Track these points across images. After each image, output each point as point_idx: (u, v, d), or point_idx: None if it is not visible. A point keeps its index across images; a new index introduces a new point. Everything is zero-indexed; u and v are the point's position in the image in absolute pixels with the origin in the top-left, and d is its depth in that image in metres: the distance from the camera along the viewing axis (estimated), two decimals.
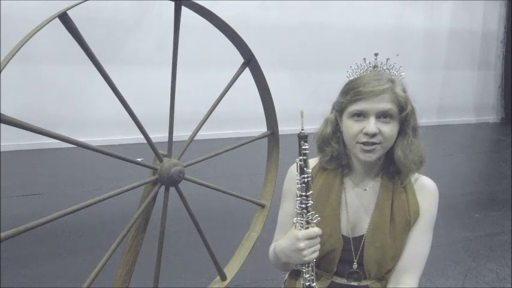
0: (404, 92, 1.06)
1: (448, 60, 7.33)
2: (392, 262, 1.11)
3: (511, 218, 3.21)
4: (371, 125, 1.01)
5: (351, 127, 1.05)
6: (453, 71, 7.39)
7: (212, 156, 1.34)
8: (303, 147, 1.00)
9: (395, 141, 1.08)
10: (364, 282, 1.14)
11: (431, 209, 1.13)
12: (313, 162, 1.22)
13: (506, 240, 2.87)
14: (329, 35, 6.16)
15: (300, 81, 6.09)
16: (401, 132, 1.08)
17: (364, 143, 1.03)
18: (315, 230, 1.00)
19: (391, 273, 1.13)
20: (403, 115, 1.04)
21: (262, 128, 1.49)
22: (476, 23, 7.45)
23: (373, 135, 1.02)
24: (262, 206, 1.52)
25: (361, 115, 1.04)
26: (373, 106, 1.02)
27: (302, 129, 1.00)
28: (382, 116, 1.02)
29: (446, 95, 7.38)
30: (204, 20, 1.21)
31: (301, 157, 1.00)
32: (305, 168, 1.00)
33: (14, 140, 4.74)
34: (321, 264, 1.16)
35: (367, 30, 6.23)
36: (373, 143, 1.03)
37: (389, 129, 1.03)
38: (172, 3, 1.10)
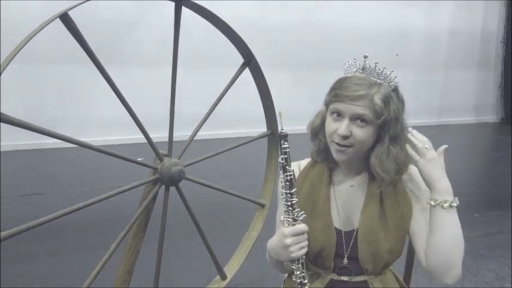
0: (385, 100, 1.04)
1: (448, 60, 7.33)
2: (388, 256, 1.12)
3: (511, 218, 3.21)
4: (343, 127, 1.04)
5: (329, 124, 1.09)
6: (453, 71, 7.39)
7: (212, 156, 1.34)
8: (283, 146, 1.02)
9: (374, 148, 1.09)
10: (361, 278, 1.15)
11: (426, 192, 1.12)
12: (305, 162, 1.26)
13: (505, 239, 2.87)
14: (329, 35, 6.16)
15: (300, 81, 6.09)
16: (379, 139, 1.09)
17: (336, 143, 1.07)
18: (300, 227, 1.02)
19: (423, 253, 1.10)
20: (379, 122, 1.04)
21: (263, 128, 1.50)
22: (476, 23, 7.45)
23: (345, 137, 1.04)
24: (262, 206, 1.52)
25: (339, 115, 1.06)
26: (348, 108, 1.04)
27: (282, 129, 1.02)
28: (357, 119, 1.04)
29: (446, 95, 7.38)
30: (204, 20, 1.21)
31: (282, 156, 1.02)
32: (287, 167, 1.02)
33: (13, 140, 4.74)
34: (318, 262, 1.17)
35: (367, 30, 6.23)
36: (344, 145, 1.06)
37: (362, 133, 1.04)
38: (173, 3, 1.10)
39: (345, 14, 6.23)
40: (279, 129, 1.03)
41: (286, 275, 1.30)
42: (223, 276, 1.44)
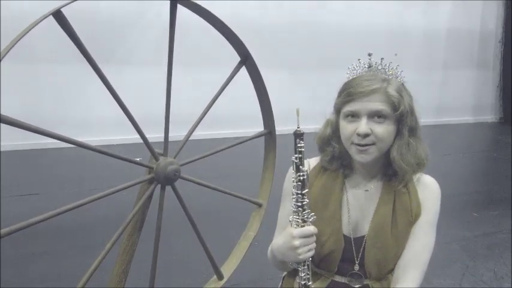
0: (399, 92, 1.04)
1: (447, 60, 7.33)
2: (393, 263, 1.11)
3: (511, 217, 3.20)
4: (362, 125, 1.02)
5: (345, 128, 1.06)
6: (451, 70, 7.39)
7: (208, 155, 1.33)
8: (299, 145, 0.99)
9: (393, 142, 1.07)
10: (364, 282, 1.14)
11: (433, 208, 1.12)
12: (315, 161, 1.22)
13: (504, 239, 2.87)
14: (327, 34, 6.16)
15: (298, 80, 6.09)
16: (398, 133, 1.07)
17: (358, 144, 1.03)
18: (310, 229, 1.00)
19: (394, 271, 1.13)
20: (397, 115, 1.03)
21: (261, 128, 1.49)
22: (474, 22, 7.45)
23: (365, 135, 1.02)
24: (259, 205, 1.51)
25: (354, 116, 1.04)
26: (364, 106, 1.02)
27: (298, 127, 0.99)
28: (375, 116, 1.02)
29: (444, 95, 7.38)
30: (201, 18, 1.20)
31: (296, 155, 1.00)
32: (301, 166, 1.00)
33: (12, 140, 4.72)
34: (322, 264, 1.16)
35: (365, 30, 6.22)
36: (366, 144, 1.03)
37: (383, 129, 1.03)
38: (168, 2, 1.09)
39: (343, 14, 6.23)
40: (296, 127, 0.99)
41: (285, 273, 1.29)
42: (220, 276, 1.43)
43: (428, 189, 1.13)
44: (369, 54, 1.09)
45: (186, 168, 1.22)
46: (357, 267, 1.13)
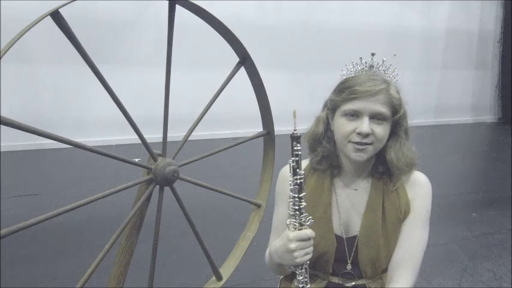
0: (398, 93, 1.06)
1: (445, 60, 7.34)
2: (386, 261, 1.11)
3: (511, 217, 3.21)
4: (364, 125, 1.01)
5: (343, 126, 1.05)
6: (450, 70, 7.40)
7: (207, 156, 1.33)
8: (296, 148, 0.98)
9: (387, 143, 1.08)
10: (360, 281, 1.14)
11: (424, 204, 1.12)
12: (304, 163, 1.22)
13: (503, 239, 2.87)
14: (326, 34, 6.16)
15: (297, 81, 6.09)
16: (393, 134, 1.08)
17: (356, 143, 1.03)
18: (306, 232, 0.98)
19: (387, 270, 1.13)
20: (396, 117, 1.04)
21: (260, 128, 1.49)
22: (473, 23, 7.46)
23: (366, 135, 1.02)
24: (258, 206, 1.51)
25: (354, 114, 1.03)
26: (367, 106, 1.01)
27: (295, 130, 0.97)
28: (375, 117, 1.02)
29: (443, 95, 7.39)
30: (201, 19, 1.20)
31: (293, 158, 0.99)
32: (298, 170, 0.98)
33: (12, 140, 4.72)
34: (317, 266, 1.16)
35: (364, 30, 6.23)
36: (365, 143, 1.03)
37: (382, 130, 1.03)
38: (167, 2, 1.09)
39: (343, 14, 6.24)
40: (293, 129, 0.97)
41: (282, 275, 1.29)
42: (219, 277, 1.43)
43: (418, 185, 1.13)
44: (372, 54, 1.09)
45: (185, 169, 1.22)
46: (349, 267, 1.13)
